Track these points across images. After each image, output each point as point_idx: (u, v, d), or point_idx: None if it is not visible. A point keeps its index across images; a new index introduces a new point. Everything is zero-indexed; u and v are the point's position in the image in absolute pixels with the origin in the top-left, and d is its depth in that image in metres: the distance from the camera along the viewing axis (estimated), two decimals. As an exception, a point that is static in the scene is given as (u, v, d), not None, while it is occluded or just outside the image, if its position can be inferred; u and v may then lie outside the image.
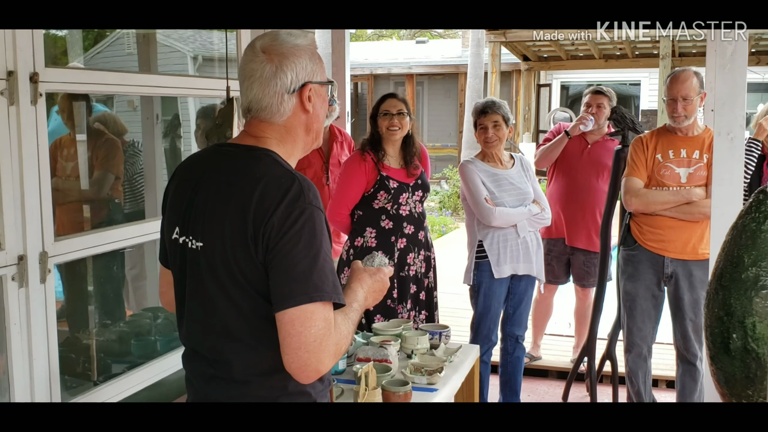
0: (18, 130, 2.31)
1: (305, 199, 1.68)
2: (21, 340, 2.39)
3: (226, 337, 1.75)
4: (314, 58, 1.83)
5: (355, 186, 3.85)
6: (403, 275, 3.90)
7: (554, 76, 16.75)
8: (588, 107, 4.91)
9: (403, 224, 3.88)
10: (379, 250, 3.84)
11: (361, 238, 3.88)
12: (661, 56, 11.50)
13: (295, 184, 1.69)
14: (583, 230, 4.87)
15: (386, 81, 18.40)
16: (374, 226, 3.87)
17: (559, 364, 5.21)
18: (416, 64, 18.11)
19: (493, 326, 4.15)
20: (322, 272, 1.66)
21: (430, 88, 18.70)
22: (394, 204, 3.84)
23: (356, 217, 3.91)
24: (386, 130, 3.87)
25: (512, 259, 4.03)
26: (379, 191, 3.82)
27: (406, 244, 3.89)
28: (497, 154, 4.10)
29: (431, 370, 3.00)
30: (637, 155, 3.92)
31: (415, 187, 3.93)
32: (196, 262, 1.76)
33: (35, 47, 2.35)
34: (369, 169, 3.84)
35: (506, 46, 13.11)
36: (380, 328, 3.42)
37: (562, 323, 5.73)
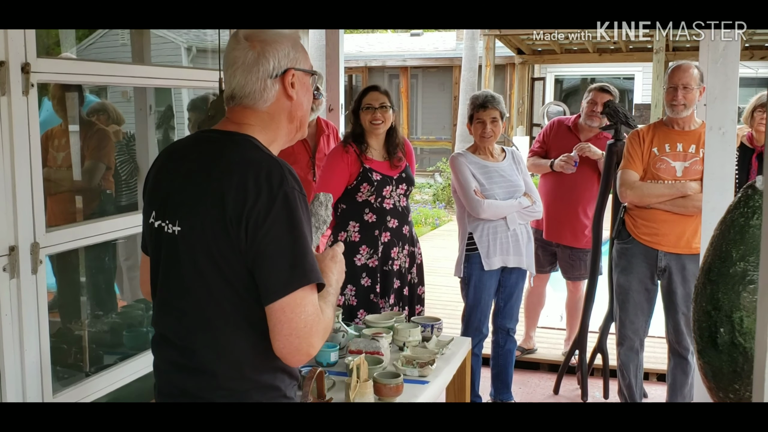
0: (9, 121, 2.30)
1: (288, 184, 1.68)
2: (12, 331, 2.38)
3: (199, 326, 1.75)
4: (297, 46, 1.86)
5: (337, 178, 3.83)
6: (386, 269, 3.89)
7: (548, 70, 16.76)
8: (593, 105, 4.89)
9: (387, 218, 3.87)
10: (363, 244, 3.84)
11: (344, 232, 3.87)
12: (655, 50, 11.51)
13: (276, 169, 1.70)
14: (568, 227, 4.87)
15: (380, 73, 18.37)
16: (357, 220, 3.85)
17: (550, 356, 5.22)
18: (411, 56, 18.08)
19: (484, 318, 4.16)
20: (307, 257, 1.68)
21: (424, 80, 18.67)
22: (378, 197, 3.83)
23: (339, 210, 3.90)
24: (369, 124, 3.85)
25: (502, 252, 4.04)
26: (362, 183, 3.80)
27: (390, 238, 3.88)
28: (489, 148, 4.10)
29: (423, 362, 3.00)
30: (633, 148, 3.92)
31: (399, 180, 3.91)
32: (173, 247, 1.75)
33: (27, 37, 2.34)
34: (351, 161, 3.82)
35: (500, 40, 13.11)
36: (372, 320, 3.42)
37: (553, 316, 5.75)
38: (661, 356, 4.60)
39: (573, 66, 16.01)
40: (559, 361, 4.94)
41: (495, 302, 4.23)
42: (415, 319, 3.56)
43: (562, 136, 5.00)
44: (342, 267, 1.96)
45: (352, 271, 3.84)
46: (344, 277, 1.98)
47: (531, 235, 4.18)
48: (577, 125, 5.01)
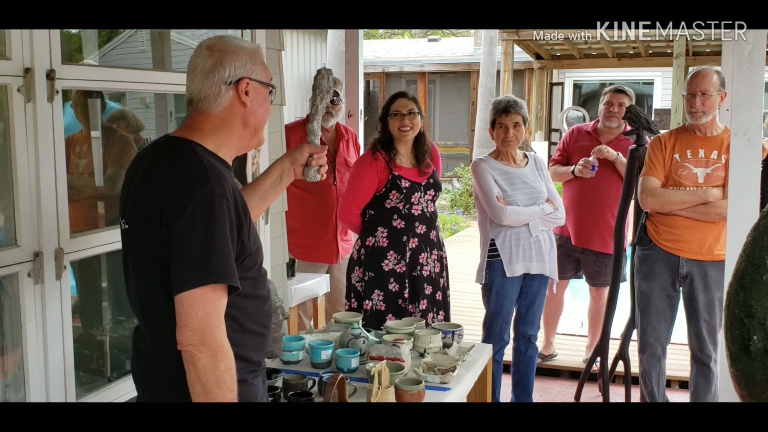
0: (34, 127, 2.31)
1: (207, 186, 1.80)
2: (36, 336, 2.39)
3: (146, 314, 1.94)
4: (255, 59, 1.97)
5: (366, 185, 3.85)
6: (415, 275, 3.89)
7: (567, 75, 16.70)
8: (609, 106, 4.89)
9: (415, 224, 3.87)
10: (391, 249, 3.84)
11: (372, 238, 3.88)
12: (675, 55, 11.44)
13: (199, 171, 1.82)
14: (596, 232, 4.85)
15: (398, 79, 18.37)
16: (386, 226, 3.86)
17: (571, 363, 5.20)
18: (428, 62, 18.08)
19: (506, 325, 4.15)
20: (214, 258, 1.77)
21: (442, 86, 18.66)
22: (406, 203, 3.83)
23: (368, 216, 3.91)
24: (398, 131, 3.85)
25: (525, 258, 4.02)
26: (390, 191, 3.81)
27: (418, 243, 3.88)
28: (511, 153, 4.09)
29: (444, 369, 2.99)
30: (655, 154, 3.90)
31: (427, 186, 3.92)
32: (125, 242, 1.97)
33: (52, 44, 2.36)
34: (380, 168, 3.83)
35: (519, 45, 13.08)
36: (393, 326, 3.42)
37: (574, 323, 5.72)
38: (684, 363, 4.56)
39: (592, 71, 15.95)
40: (580, 368, 4.91)
41: (516, 309, 4.21)
42: (436, 325, 3.56)
43: (582, 142, 4.98)
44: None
45: (380, 276, 3.85)
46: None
47: (554, 241, 4.16)
48: (596, 130, 4.99)
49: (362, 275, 3.91)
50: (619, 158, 4.72)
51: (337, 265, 4.75)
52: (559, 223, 4.17)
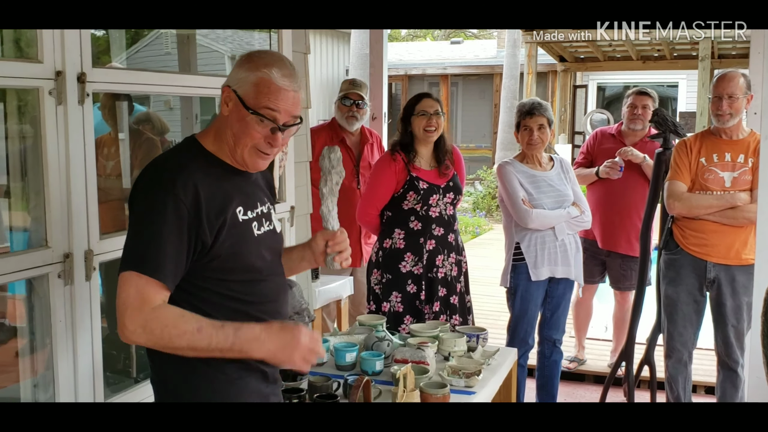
0: (65, 130, 2.34)
1: (161, 184, 1.85)
2: (66, 337, 2.42)
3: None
4: (250, 77, 1.92)
5: (384, 186, 3.84)
6: (431, 276, 3.89)
7: (590, 77, 16.61)
8: (633, 108, 4.87)
9: (432, 226, 3.86)
10: (408, 251, 3.83)
11: (389, 240, 3.87)
12: (700, 58, 11.34)
13: (163, 170, 1.91)
14: (623, 234, 4.83)
15: (420, 81, 18.37)
16: (403, 227, 3.85)
17: (596, 368, 5.17)
18: (451, 64, 18.06)
19: (530, 329, 4.13)
20: (140, 249, 1.82)
21: (464, 88, 18.63)
22: (424, 205, 3.82)
23: (385, 218, 3.90)
24: (423, 131, 3.84)
25: (550, 262, 4.00)
26: (408, 192, 3.80)
27: (435, 245, 3.87)
28: (537, 156, 4.07)
29: (469, 372, 2.98)
30: (681, 158, 3.87)
31: (447, 189, 3.90)
32: None
33: (83, 47, 2.38)
34: (399, 169, 3.82)
35: (542, 47, 13.03)
36: (417, 329, 3.42)
37: (598, 327, 5.68)
38: (710, 369, 4.52)
39: (616, 73, 15.86)
40: (604, 373, 4.87)
41: (542, 313, 4.19)
42: (461, 328, 3.55)
43: (607, 145, 4.96)
44: (287, 340, 1.86)
45: (398, 278, 3.84)
46: (293, 355, 1.87)
47: (579, 245, 4.14)
48: (621, 132, 4.97)
49: (380, 277, 3.91)
50: (646, 161, 4.69)
51: (360, 268, 4.76)
52: (585, 227, 4.15)
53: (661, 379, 4.23)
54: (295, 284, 2.84)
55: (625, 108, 4.96)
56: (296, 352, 1.85)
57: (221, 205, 1.92)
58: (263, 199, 2.11)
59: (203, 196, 1.87)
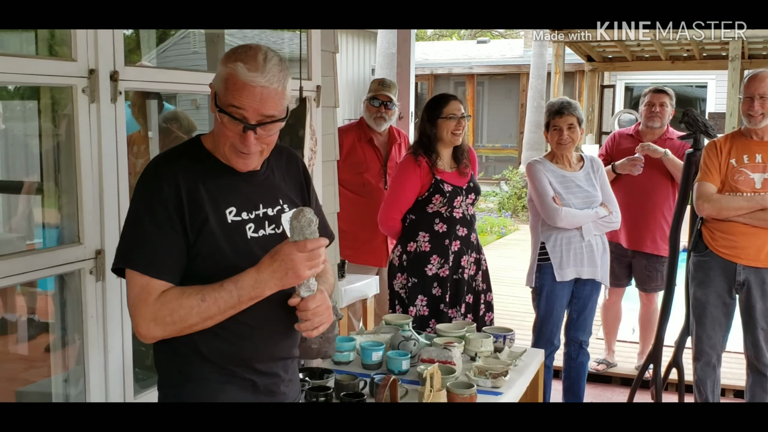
0: (98, 127, 2.37)
1: (149, 176, 1.85)
2: (97, 332, 2.44)
3: None
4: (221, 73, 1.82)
5: (409, 191, 3.82)
6: (456, 278, 3.88)
7: (618, 77, 16.48)
8: (651, 106, 4.84)
9: (457, 227, 3.85)
10: (434, 254, 3.82)
11: (413, 243, 3.85)
12: (730, 58, 11.20)
13: (157, 162, 1.90)
14: (648, 233, 4.80)
15: (446, 81, 18.34)
16: (427, 230, 3.83)
17: (623, 370, 5.14)
18: (477, 64, 18.00)
19: (556, 330, 4.11)
20: (127, 240, 1.82)
21: (490, 88, 18.57)
22: (449, 207, 3.81)
23: (408, 221, 3.88)
24: (450, 134, 3.82)
25: (576, 263, 3.97)
26: (434, 195, 3.78)
27: (460, 246, 3.86)
28: (567, 156, 4.04)
29: (496, 373, 2.97)
30: (711, 160, 3.83)
31: (468, 190, 3.90)
32: None
33: (116, 46, 2.41)
34: (424, 173, 3.80)
35: (570, 46, 12.94)
36: (443, 329, 3.41)
37: (625, 329, 5.64)
38: (739, 372, 4.48)
39: (644, 73, 15.70)
40: (631, 375, 4.85)
41: (568, 314, 4.17)
42: (487, 329, 3.54)
43: (625, 145, 4.92)
44: (281, 263, 1.77)
45: (423, 281, 3.83)
46: (292, 275, 1.78)
47: (607, 246, 4.11)
48: (639, 132, 4.94)
49: (405, 281, 3.89)
50: (667, 155, 4.66)
51: (386, 268, 4.76)
52: (614, 227, 4.12)
53: (689, 382, 4.19)
54: (323, 282, 2.84)
55: (642, 107, 4.93)
56: (299, 267, 1.75)
57: (205, 203, 1.84)
58: (274, 201, 1.99)
59: (185, 192, 1.82)
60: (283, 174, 2.05)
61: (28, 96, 3.58)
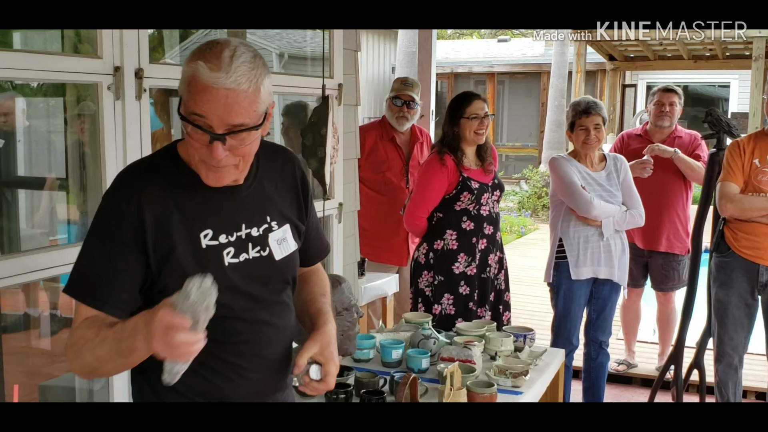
0: (123, 124, 2.39)
1: (108, 195, 1.65)
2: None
3: None
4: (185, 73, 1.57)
5: (436, 189, 3.80)
6: (484, 277, 3.87)
7: (640, 77, 16.39)
8: (661, 105, 4.82)
9: (484, 225, 3.84)
10: (461, 252, 3.81)
11: (440, 241, 3.85)
12: (754, 57, 11.10)
13: (119, 177, 1.69)
14: (662, 233, 4.78)
15: (466, 80, 18.31)
16: (455, 228, 3.83)
17: (643, 371, 5.12)
18: (497, 62, 17.96)
19: (574, 329, 4.09)
20: (77, 268, 1.63)
21: (511, 87, 18.53)
22: (476, 205, 3.81)
23: (435, 219, 3.88)
24: (473, 133, 3.81)
25: (593, 262, 3.95)
26: (462, 193, 3.78)
27: (487, 245, 3.86)
28: (590, 155, 4.03)
29: (516, 372, 2.97)
30: (734, 159, 3.80)
31: (494, 187, 3.90)
32: None
33: (140, 44, 2.43)
34: (450, 171, 3.79)
35: (592, 46, 12.88)
36: (464, 328, 3.41)
37: (646, 329, 5.61)
38: (761, 374, 4.46)
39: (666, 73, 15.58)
40: (652, 376, 4.83)
41: (587, 313, 4.15)
42: (507, 328, 3.53)
43: (634, 145, 4.91)
44: (158, 326, 1.41)
45: (450, 279, 3.82)
46: (171, 344, 1.42)
47: (626, 247, 4.08)
48: (647, 131, 4.92)
49: (432, 279, 3.88)
50: (677, 154, 4.63)
51: (407, 267, 4.76)
52: (638, 223, 4.08)
53: (710, 383, 4.17)
54: (344, 280, 2.86)
55: (651, 105, 4.91)
56: (154, 338, 1.40)
57: (173, 228, 1.62)
58: (260, 219, 1.74)
59: (149, 214, 1.60)
60: (276, 183, 1.80)
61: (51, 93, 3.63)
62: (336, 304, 2.80)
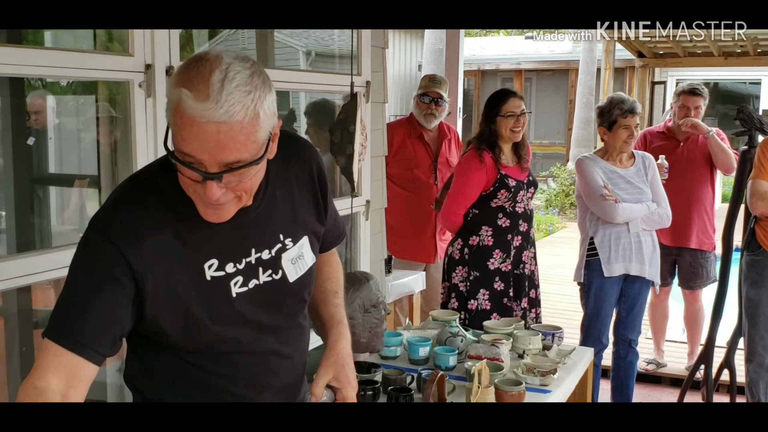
0: (154, 122, 2.41)
1: (93, 222, 1.45)
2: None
3: None
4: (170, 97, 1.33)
5: (474, 186, 3.82)
6: (518, 273, 3.88)
7: (669, 74, 16.19)
8: (686, 110, 4.75)
9: (519, 221, 3.85)
10: (497, 248, 3.82)
11: (476, 237, 3.85)
12: (787, 54, 10.97)
13: (111, 199, 1.49)
14: (692, 229, 4.75)
15: (493, 77, 18.23)
16: (490, 225, 3.84)
17: (672, 370, 5.08)
18: (525, 59, 17.86)
19: (604, 328, 4.07)
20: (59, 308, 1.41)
21: (538, 84, 18.43)
22: (513, 202, 3.81)
23: (471, 215, 3.89)
24: (509, 131, 3.82)
25: (624, 258, 3.94)
26: (499, 190, 3.79)
27: (521, 241, 3.87)
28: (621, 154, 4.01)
29: (545, 371, 2.95)
30: (765, 157, 3.76)
31: (529, 184, 3.91)
32: None
33: (171, 42, 2.45)
34: (489, 168, 3.80)
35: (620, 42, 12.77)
36: (491, 326, 3.40)
37: (674, 329, 5.56)
38: (793, 375, 4.37)
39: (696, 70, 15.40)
40: (681, 376, 4.79)
41: (617, 312, 4.13)
42: (535, 326, 3.52)
43: (658, 143, 4.85)
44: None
45: (486, 275, 3.84)
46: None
47: (657, 245, 4.06)
48: (670, 128, 4.87)
49: (466, 275, 3.88)
50: (711, 134, 4.60)
51: (434, 265, 4.76)
52: (664, 224, 4.06)
53: (741, 383, 4.12)
54: (372, 277, 2.86)
55: (675, 107, 4.84)
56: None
57: (173, 264, 1.44)
58: (272, 240, 1.56)
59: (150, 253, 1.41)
60: (291, 187, 1.61)
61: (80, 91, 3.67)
62: (363, 301, 2.81)
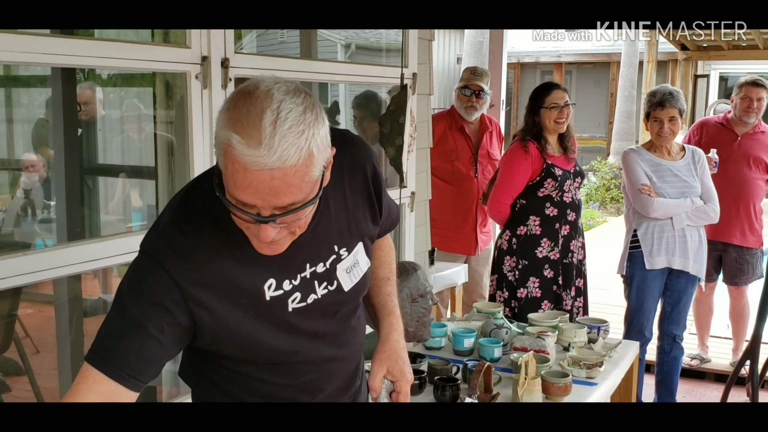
0: (210, 113, 2.46)
1: (144, 240, 1.41)
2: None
3: None
4: (219, 138, 1.27)
5: (520, 176, 3.84)
6: (566, 262, 3.90)
7: (713, 67, 15.97)
8: (748, 101, 4.69)
9: (567, 211, 3.87)
10: (544, 237, 3.83)
11: (524, 227, 3.87)
12: (834, 47, 10.75)
13: (159, 221, 1.44)
14: (737, 225, 4.70)
15: (533, 70, 18.12)
16: (538, 214, 3.86)
17: (717, 366, 5.04)
18: (565, 52, 17.70)
19: (647, 322, 4.05)
20: (103, 334, 1.38)
21: (578, 77, 18.25)
22: (559, 191, 3.82)
23: (518, 206, 3.90)
24: (553, 123, 3.84)
25: (667, 252, 3.92)
26: (545, 179, 3.80)
27: (569, 231, 3.88)
28: (666, 146, 3.98)
29: (591, 364, 2.96)
30: None
31: (576, 174, 3.92)
32: None
33: (226, 34, 2.49)
34: (534, 158, 3.82)
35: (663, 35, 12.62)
36: (536, 318, 3.41)
37: (719, 324, 5.51)
38: (841, 372, 4.32)
39: (740, 63, 15.15)
40: (726, 371, 4.75)
41: (662, 306, 4.11)
42: (581, 319, 3.52)
43: (714, 135, 4.80)
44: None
45: (534, 263, 3.87)
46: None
47: (704, 240, 4.02)
48: (729, 120, 4.81)
49: (515, 264, 3.91)
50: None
51: (475, 257, 4.77)
52: (711, 220, 4.02)
53: (788, 380, 4.08)
54: (420, 267, 2.88)
55: (736, 98, 4.78)
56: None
57: (236, 290, 1.41)
58: (327, 252, 1.53)
59: (207, 281, 1.38)
60: (344, 195, 1.55)
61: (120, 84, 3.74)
62: (411, 291, 2.84)
